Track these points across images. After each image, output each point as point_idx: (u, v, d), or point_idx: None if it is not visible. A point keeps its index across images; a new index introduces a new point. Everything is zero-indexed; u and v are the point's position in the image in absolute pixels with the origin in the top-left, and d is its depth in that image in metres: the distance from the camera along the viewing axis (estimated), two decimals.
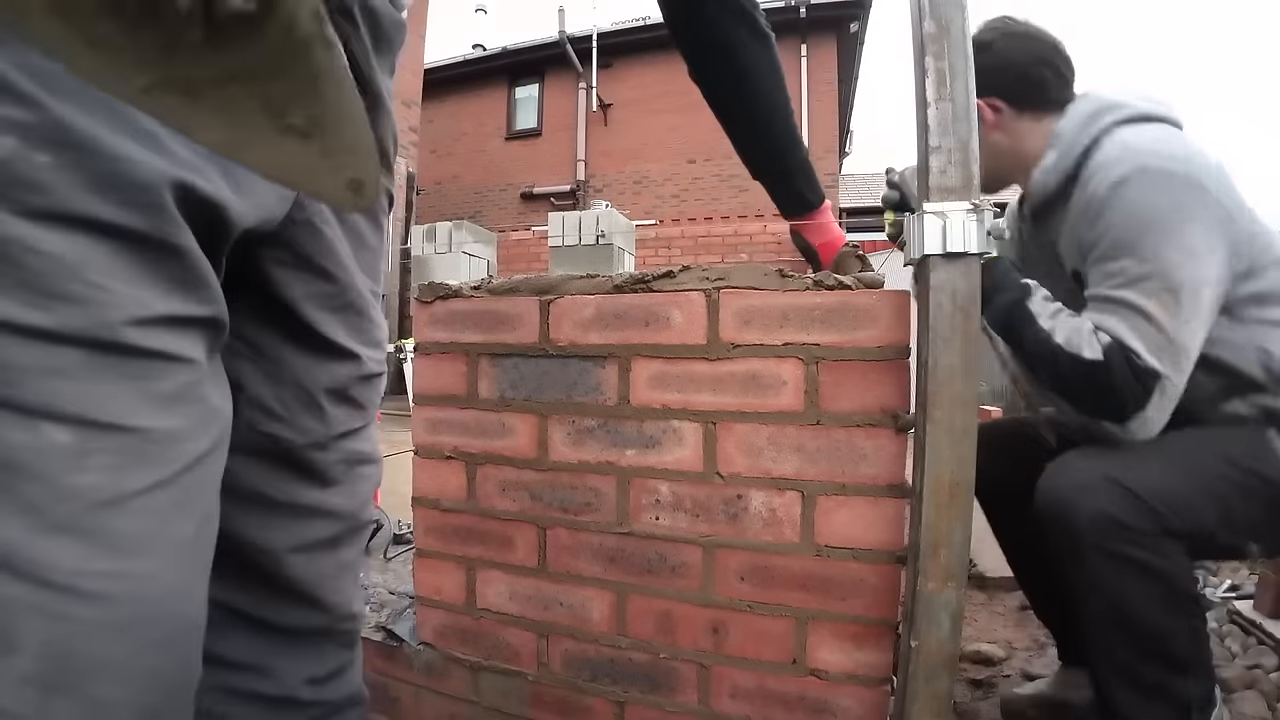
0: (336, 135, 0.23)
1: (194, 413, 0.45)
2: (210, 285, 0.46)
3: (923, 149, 0.72)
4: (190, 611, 0.45)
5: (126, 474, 0.40)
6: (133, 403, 0.41)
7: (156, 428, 0.42)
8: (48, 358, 0.38)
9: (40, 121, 0.37)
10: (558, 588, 0.98)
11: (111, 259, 0.39)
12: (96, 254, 0.39)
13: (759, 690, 0.88)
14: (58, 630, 0.37)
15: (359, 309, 0.63)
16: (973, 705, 1.21)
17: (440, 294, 1.06)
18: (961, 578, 0.72)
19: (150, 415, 0.41)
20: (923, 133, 0.72)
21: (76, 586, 0.38)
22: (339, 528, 0.65)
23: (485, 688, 1.04)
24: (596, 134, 9.24)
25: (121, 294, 0.40)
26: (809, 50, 8.27)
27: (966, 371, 0.71)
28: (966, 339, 0.70)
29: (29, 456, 0.37)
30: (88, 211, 0.38)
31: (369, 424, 0.69)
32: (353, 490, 0.66)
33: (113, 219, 0.39)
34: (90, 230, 0.39)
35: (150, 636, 0.41)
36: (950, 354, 0.71)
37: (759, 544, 0.87)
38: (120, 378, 0.40)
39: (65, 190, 0.38)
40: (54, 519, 0.37)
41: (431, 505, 1.07)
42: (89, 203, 0.38)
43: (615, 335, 0.93)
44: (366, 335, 0.65)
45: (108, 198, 0.39)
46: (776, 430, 0.86)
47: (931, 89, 0.71)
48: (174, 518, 0.43)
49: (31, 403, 0.37)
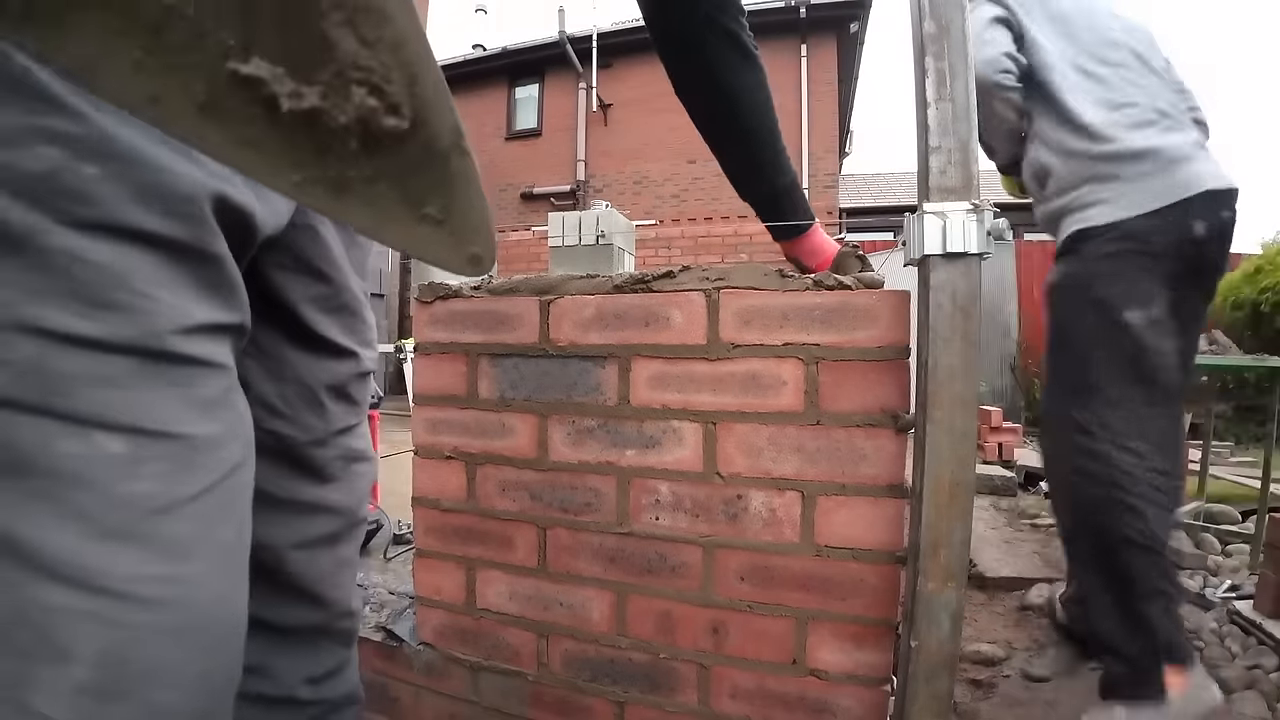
0: (463, 221, 0.26)
1: (230, 418, 0.46)
2: (240, 292, 0.47)
3: (923, 149, 0.72)
4: (235, 614, 0.46)
5: (177, 480, 0.41)
6: (179, 410, 0.41)
7: (201, 434, 0.42)
8: (98, 367, 0.38)
9: (86, 133, 0.37)
10: (558, 588, 0.98)
11: (156, 268, 0.40)
12: (142, 263, 0.40)
13: (759, 690, 0.88)
14: (114, 637, 0.37)
15: (353, 309, 0.65)
16: (973, 705, 1.21)
17: (440, 294, 1.06)
18: (961, 578, 0.72)
19: (195, 422, 0.42)
20: (923, 133, 0.72)
21: (133, 592, 0.38)
22: (338, 524, 0.66)
23: (485, 688, 1.04)
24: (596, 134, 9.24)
25: (167, 303, 0.41)
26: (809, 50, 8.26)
27: (966, 371, 0.71)
28: (966, 339, 0.70)
29: (81, 465, 0.37)
30: (134, 222, 0.39)
31: (362, 421, 0.70)
32: (351, 486, 0.67)
33: (157, 229, 0.40)
34: (136, 240, 0.39)
35: (201, 640, 0.42)
36: (950, 354, 0.71)
37: (759, 544, 0.87)
38: (167, 385, 0.41)
39: (112, 201, 0.38)
40: (107, 526, 0.38)
41: (431, 505, 1.07)
42: (135, 213, 0.39)
43: (615, 335, 0.93)
44: (360, 335, 0.66)
45: (152, 208, 0.40)
46: (776, 430, 0.86)
47: (931, 89, 0.71)
48: (219, 522, 0.44)
49: (83, 412, 0.37)
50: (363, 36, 0.20)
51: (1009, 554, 1.96)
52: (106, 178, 0.38)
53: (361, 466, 0.69)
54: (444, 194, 0.25)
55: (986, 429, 3.64)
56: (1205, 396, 2.55)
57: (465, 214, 0.25)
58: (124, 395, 0.39)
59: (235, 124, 0.21)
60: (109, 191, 0.38)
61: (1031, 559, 1.94)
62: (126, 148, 0.38)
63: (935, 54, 0.71)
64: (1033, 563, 1.90)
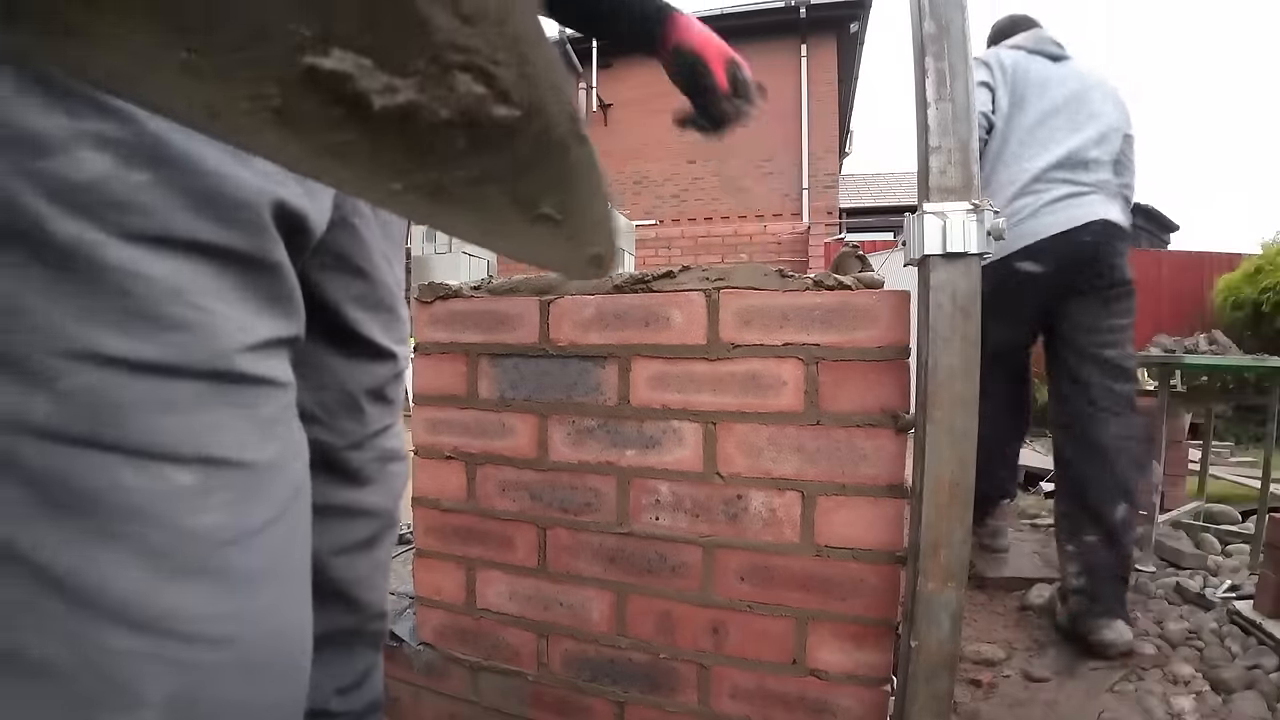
0: (583, 218, 0.22)
1: (290, 437, 0.43)
2: (299, 301, 0.44)
3: (922, 149, 0.72)
4: (303, 641, 0.44)
5: (245, 510, 0.38)
6: (245, 434, 0.39)
7: (264, 459, 0.40)
8: (161, 392, 0.35)
9: (136, 137, 0.34)
10: (558, 588, 0.98)
11: (216, 282, 0.37)
12: (202, 277, 0.37)
13: (759, 690, 0.88)
14: (185, 679, 0.35)
15: (389, 305, 0.63)
16: (973, 705, 1.21)
17: (440, 294, 1.06)
18: (961, 578, 0.72)
19: (259, 446, 0.40)
20: (923, 133, 0.72)
21: (203, 633, 0.36)
22: (376, 526, 0.65)
23: (485, 688, 1.04)
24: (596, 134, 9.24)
25: (230, 319, 0.38)
26: (809, 50, 8.25)
27: (966, 371, 0.70)
28: (966, 339, 0.70)
29: (147, 500, 0.35)
30: (190, 233, 0.36)
31: (397, 420, 0.69)
32: (387, 488, 0.66)
33: (215, 239, 0.37)
34: (193, 252, 0.36)
35: (271, 672, 0.40)
36: (950, 354, 0.71)
37: (759, 544, 0.87)
38: (232, 408, 0.38)
39: (166, 211, 0.35)
40: (176, 564, 0.35)
41: (431, 505, 1.07)
42: (191, 223, 0.36)
43: (615, 335, 0.93)
44: (397, 333, 0.65)
45: (209, 217, 0.37)
46: (776, 430, 0.86)
47: (931, 89, 0.71)
48: (285, 550, 0.42)
49: (148, 443, 0.35)
50: (461, 10, 0.16)
51: (1009, 554, 1.96)
52: (159, 185, 0.35)
53: (397, 466, 0.68)
54: (562, 189, 0.21)
55: None
56: (1205, 396, 2.55)
57: (585, 210, 0.22)
58: (189, 422, 0.36)
59: (318, 131, 0.17)
60: (162, 200, 0.35)
61: (1031, 559, 1.93)
62: (180, 152, 0.35)
63: (935, 54, 0.71)
64: (1033, 563, 1.90)
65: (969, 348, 0.70)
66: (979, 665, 1.35)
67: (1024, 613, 1.62)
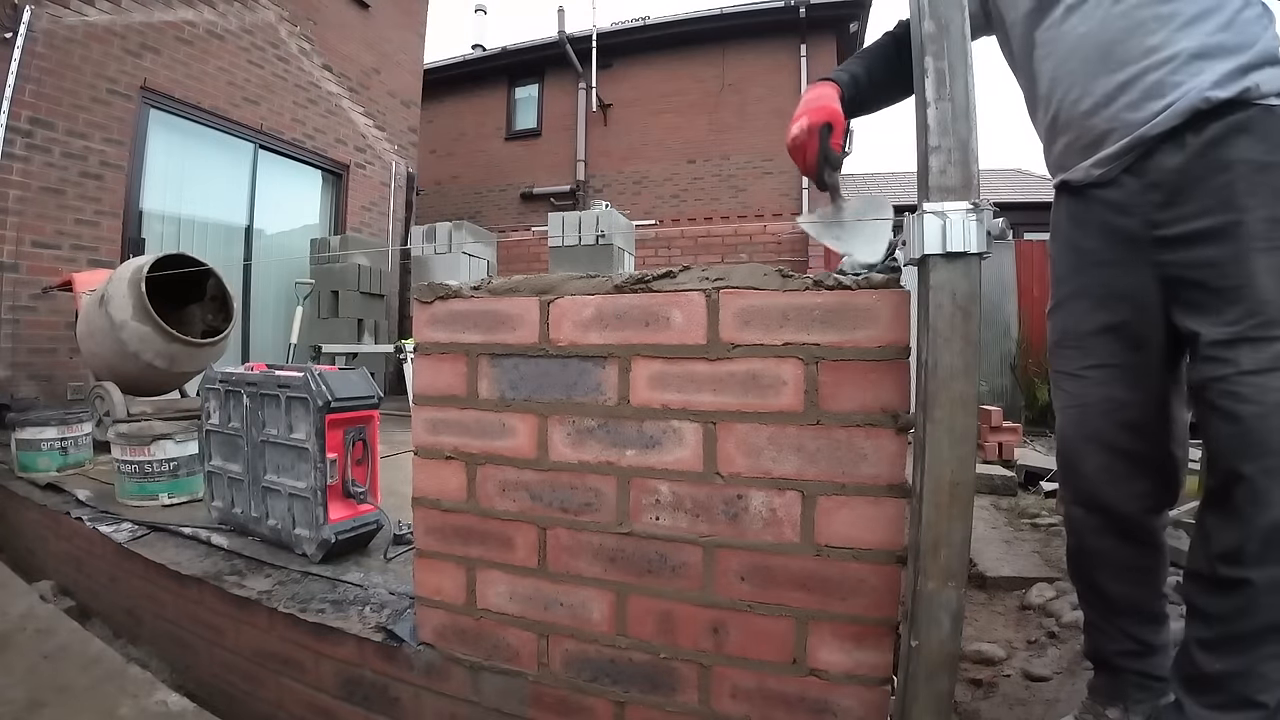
0: None
1: None
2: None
3: (922, 149, 0.72)
4: None
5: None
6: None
7: None
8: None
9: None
10: (558, 588, 0.98)
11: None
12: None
13: (759, 690, 0.88)
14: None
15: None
16: (973, 705, 1.21)
17: (440, 294, 1.06)
18: (961, 578, 0.72)
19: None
20: (923, 133, 0.72)
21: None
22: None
23: (485, 688, 1.04)
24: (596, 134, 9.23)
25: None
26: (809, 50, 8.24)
27: (966, 371, 0.71)
28: (966, 339, 0.70)
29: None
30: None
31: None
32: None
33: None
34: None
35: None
36: (950, 354, 0.71)
37: (759, 544, 0.87)
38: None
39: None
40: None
41: (431, 505, 1.07)
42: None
43: (615, 335, 0.93)
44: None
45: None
46: (776, 430, 0.86)
47: (931, 89, 0.71)
48: None
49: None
50: None
51: (1009, 554, 1.96)
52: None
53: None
54: None
55: (986, 429, 3.65)
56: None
57: None
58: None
59: None
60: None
61: (1031, 558, 1.93)
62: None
63: (935, 54, 0.71)
64: (1033, 562, 1.90)
65: (969, 348, 0.70)
66: (979, 664, 1.35)
67: (1024, 612, 1.62)
